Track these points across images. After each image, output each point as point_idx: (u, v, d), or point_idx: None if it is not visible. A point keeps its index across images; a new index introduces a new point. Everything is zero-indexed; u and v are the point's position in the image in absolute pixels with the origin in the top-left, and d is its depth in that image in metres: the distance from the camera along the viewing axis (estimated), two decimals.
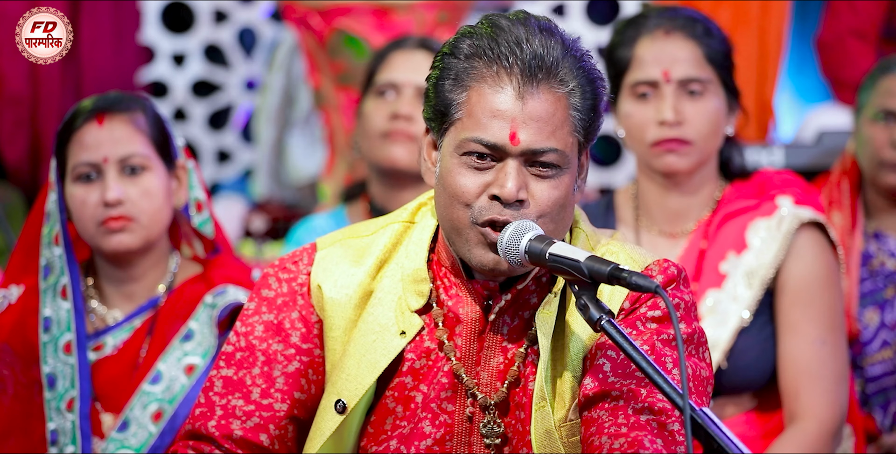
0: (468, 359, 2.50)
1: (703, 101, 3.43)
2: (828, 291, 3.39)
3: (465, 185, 2.40)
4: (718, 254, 3.43)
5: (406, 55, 4.12)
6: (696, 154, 3.44)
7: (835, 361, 3.35)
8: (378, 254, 2.56)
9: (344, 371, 2.51)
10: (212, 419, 2.52)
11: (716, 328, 3.36)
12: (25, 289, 3.28)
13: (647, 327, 2.43)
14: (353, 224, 2.69)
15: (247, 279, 3.31)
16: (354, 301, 2.54)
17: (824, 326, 3.36)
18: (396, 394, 2.52)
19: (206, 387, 2.56)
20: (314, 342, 2.56)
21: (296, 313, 2.56)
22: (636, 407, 2.36)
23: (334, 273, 2.56)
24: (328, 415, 2.51)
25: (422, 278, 2.52)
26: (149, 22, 6.26)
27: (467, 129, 2.40)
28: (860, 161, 4.25)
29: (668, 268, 2.47)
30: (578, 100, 2.41)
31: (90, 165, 3.22)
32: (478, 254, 2.41)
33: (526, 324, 2.50)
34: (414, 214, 2.60)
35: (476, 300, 2.50)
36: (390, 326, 2.51)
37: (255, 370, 2.54)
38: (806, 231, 3.41)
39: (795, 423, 3.32)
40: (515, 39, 2.38)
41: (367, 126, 4.13)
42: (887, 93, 4.18)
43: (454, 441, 2.50)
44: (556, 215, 2.42)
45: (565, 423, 2.45)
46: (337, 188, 5.56)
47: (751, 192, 3.48)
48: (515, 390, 2.49)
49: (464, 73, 2.40)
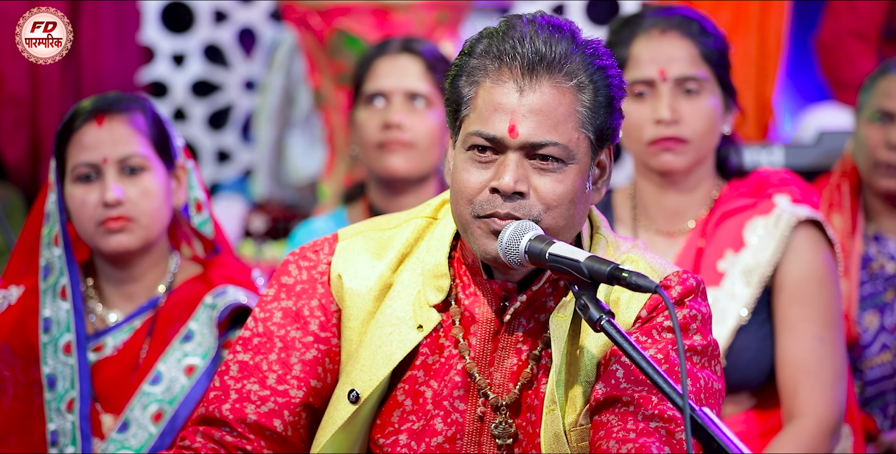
0: (482, 359, 2.51)
1: (700, 99, 3.43)
2: (826, 289, 3.39)
3: (468, 181, 2.42)
4: (716, 252, 3.43)
5: (390, 61, 4.11)
6: (692, 152, 3.44)
7: (833, 359, 3.36)
8: (400, 247, 2.58)
9: (359, 362, 2.52)
10: (226, 402, 2.53)
11: (714, 327, 3.35)
12: (25, 290, 3.27)
13: (662, 337, 2.43)
14: (375, 217, 2.69)
15: (247, 279, 3.31)
16: (374, 293, 2.56)
17: (822, 324, 3.36)
18: (407, 387, 2.53)
19: (222, 372, 2.56)
20: (332, 331, 2.57)
21: (315, 301, 2.57)
22: (646, 413, 2.36)
23: (355, 264, 2.57)
24: (341, 404, 2.51)
25: (442, 274, 2.53)
26: (149, 22, 6.26)
27: (472, 123, 2.43)
28: (858, 162, 4.25)
29: (686, 280, 2.47)
30: (588, 96, 2.42)
31: (89, 166, 3.22)
32: (482, 244, 2.42)
33: (541, 327, 2.50)
34: (437, 211, 2.62)
35: (492, 300, 2.51)
36: (408, 320, 2.52)
37: (272, 356, 2.54)
38: (803, 229, 3.41)
39: (794, 421, 3.32)
40: (520, 36, 2.40)
41: (361, 136, 4.13)
42: (884, 93, 4.18)
43: (465, 440, 2.51)
44: (565, 211, 2.42)
45: (575, 428, 2.45)
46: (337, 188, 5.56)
47: (748, 191, 3.49)
48: (528, 392, 2.50)
49: (474, 69, 2.44)
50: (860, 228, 4.22)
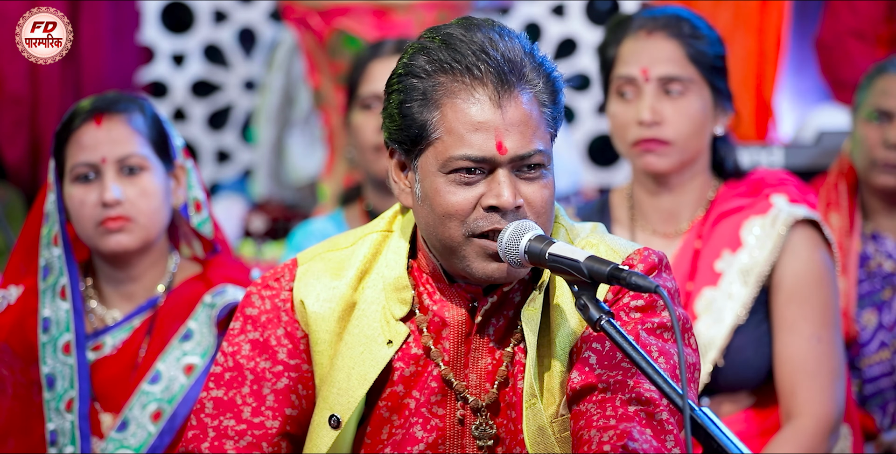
0: (456, 363, 2.51)
1: (684, 100, 3.41)
2: (823, 289, 3.39)
3: (457, 203, 2.39)
4: (713, 252, 3.43)
5: (385, 64, 4.11)
6: (675, 154, 3.42)
7: (831, 358, 3.36)
8: (358, 265, 2.56)
9: (334, 385, 2.51)
10: (205, 441, 2.53)
11: (712, 326, 3.36)
12: (25, 290, 3.28)
13: (630, 317, 2.43)
14: (332, 236, 2.68)
15: (246, 279, 3.31)
16: (337, 313, 2.55)
17: (820, 323, 3.36)
18: (390, 403, 2.52)
19: (198, 410, 2.56)
20: (301, 357, 2.56)
21: (281, 330, 2.56)
22: (623, 398, 2.36)
23: (316, 287, 2.56)
24: (323, 431, 2.51)
25: (403, 286, 2.52)
26: (149, 22, 6.26)
27: (451, 147, 2.38)
28: (855, 161, 4.25)
29: (648, 257, 2.47)
30: (546, 96, 2.42)
31: (88, 166, 3.22)
32: (479, 267, 2.41)
33: (511, 323, 2.50)
34: (391, 223, 2.60)
35: (461, 303, 2.50)
36: (377, 337, 2.51)
37: (245, 389, 2.54)
38: (801, 228, 3.41)
39: (792, 421, 3.32)
40: (479, 47, 2.38)
41: (358, 140, 4.14)
42: (881, 93, 4.18)
43: (447, 444, 2.50)
44: (549, 213, 2.44)
45: (557, 419, 2.45)
46: (337, 188, 5.56)
47: (745, 191, 3.48)
48: (505, 390, 2.49)
49: (431, 91, 2.39)
50: (858, 227, 4.22)
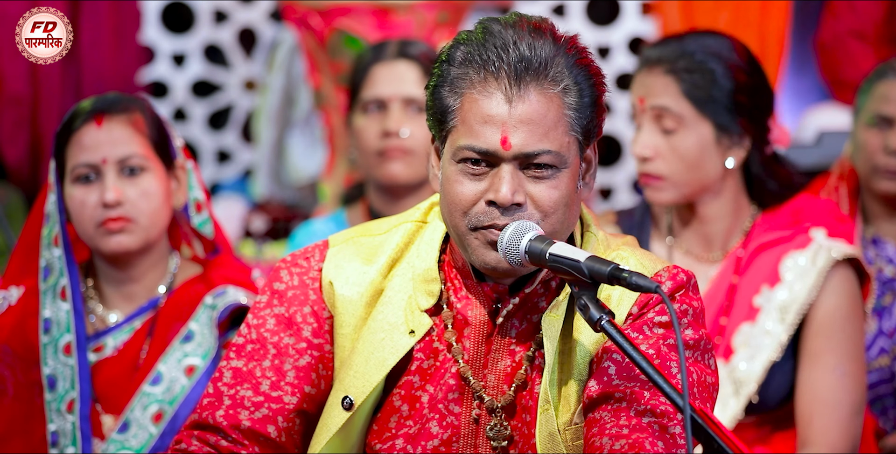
0: (476, 362, 2.51)
1: (678, 137, 3.36)
2: (851, 323, 3.37)
3: (461, 193, 2.41)
4: (752, 286, 3.40)
5: (387, 67, 4.11)
6: (671, 189, 3.39)
7: (853, 393, 3.33)
8: (390, 252, 2.57)
9: (352, 368, 2.52)
10: (219, 409, 2.53)
11: (748, 362, 3.34)
12: (25, 291, 3.27)
13: (653, 332, 2.43)
14: (366, 222, 2.69)
15: (247, 279, 3.31)
16: (365, 299, 2.55)
17: (845, 357, 3.34)
18: (403, 392, 2.53)
19: (215, 378, 2.56)
20: (325, 337, 2.57)
21: (308, 308, 2.57)
22: (638, 409, 2.36)
23: (346, 270, 2.57)
24: (335, 411, 2.51)
25: (432, 278, 2.53)
26: (149, 22, 6.27)
27: (462, 136, 2.41)
28: (856, 166, 4.24)
29: (676, 275, 2.47)
30: (574, 98, 2.41)
31: (89, 166, 3.22)
32: (480, 255, 2.42)
33: (534, 328, 2.50)
34: (426, 214, 2.61)
35: (485, 303, 2.51)
36: (399, 325, 2.52)
37: (266, 362, 2.55)
38: (841, 268, 3.37)
39: (805, 449, 3.31)
40: (503, 44, 2.38)
41: (360, 143, 4.14)
42: (882, 98, 4.16)
43: (461, 442, 2.51)
44: (561, 215, 2.42)
45: (570, 427, 2.45)
46: (337, 188, 5.57)
47: (783, 223, 3.44)
48: (522, 393, 2.49)
49: (457, 79, 2.41)
50: (858, 232, 4.21)
